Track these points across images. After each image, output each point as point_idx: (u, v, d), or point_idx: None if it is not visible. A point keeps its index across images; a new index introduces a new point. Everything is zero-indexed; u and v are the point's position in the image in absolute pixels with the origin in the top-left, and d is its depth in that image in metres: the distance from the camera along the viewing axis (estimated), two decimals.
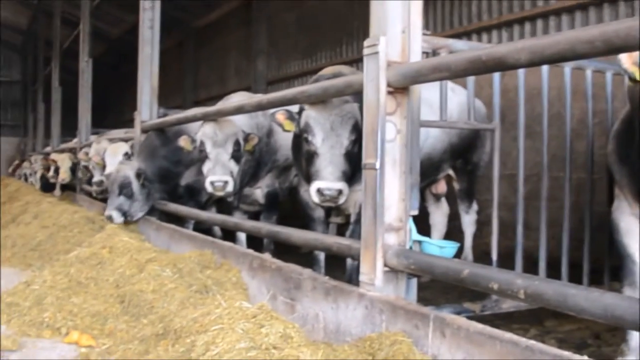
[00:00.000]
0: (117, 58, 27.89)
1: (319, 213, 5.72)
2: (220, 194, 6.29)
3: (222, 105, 6.60)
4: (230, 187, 6.24)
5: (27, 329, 4.45)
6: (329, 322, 3.79)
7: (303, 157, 5.04)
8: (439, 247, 3.70)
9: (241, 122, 6.57)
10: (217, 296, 3.60)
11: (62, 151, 15.76)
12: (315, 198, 4.66)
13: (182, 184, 8.02)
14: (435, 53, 3.94)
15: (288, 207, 8.63)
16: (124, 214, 7.68)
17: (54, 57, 20.53)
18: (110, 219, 7.54)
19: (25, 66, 36.50)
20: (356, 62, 12.30)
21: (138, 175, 7.69)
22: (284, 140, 6.74)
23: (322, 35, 13.98)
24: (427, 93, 4.29)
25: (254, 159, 6.71)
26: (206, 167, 6.36)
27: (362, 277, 3.62)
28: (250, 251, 5.07)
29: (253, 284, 4.82)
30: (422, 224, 6.16)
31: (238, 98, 7.00)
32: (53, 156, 15.84)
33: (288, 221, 6.10)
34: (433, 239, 6.75)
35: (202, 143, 6.38)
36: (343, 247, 4.01)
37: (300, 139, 5.02)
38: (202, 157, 6.41)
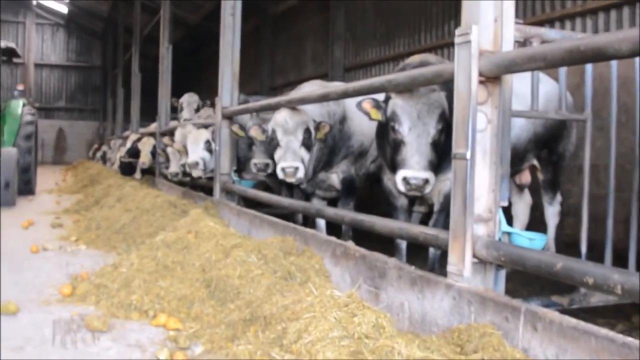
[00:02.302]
0: (195, 44, 28.29)
1: (402, 202, 5.71)
2: (291, 180, 6.36)
3: (303, 93, 6.63)
4: (301, 174, 6.30)
5: (115, 310, 4.59)
6: (415, 312, 3.78)
7: (389, 146, 5.03)
8: (528, 239, 3.64)
9: (313, 110, 6.61)
10: (309, 284, 3.62)
11: (141, 135, 16.02)
12: (401, 187, 4.65)
13: None
14: (526, 42, 3.88)
15: (367, 194, 8.63)
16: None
17: (133, 43, 20.94)
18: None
19: (105, 52, 37.45)
20: (434, 49, 12.19)
21: None
22: (358, 126, 6.76)
23: (400, 21, 13.88)
24: (514, 83, 4.23)
25: (327, 146, 6.73)
26: (277, 154, 6.44)
27: (450, 268, 3.59)
28: (333, 238, 5.08)
29: (336, 272, 4.85)
30: (505, 213, 6.10)
31: (310, 87, 7.03)
32: (133, 140, 16.15)
33: (366, 209, 6.10)
34: (515, 229, 6.71)
35: (273, 131, 6.47)
36: (430, 237, 3.99)
37: (386, 128, 5.01)
38: (274, 145, 6.49)
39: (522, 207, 6.90)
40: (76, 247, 7.46)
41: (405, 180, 4.61)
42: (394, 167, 4.91)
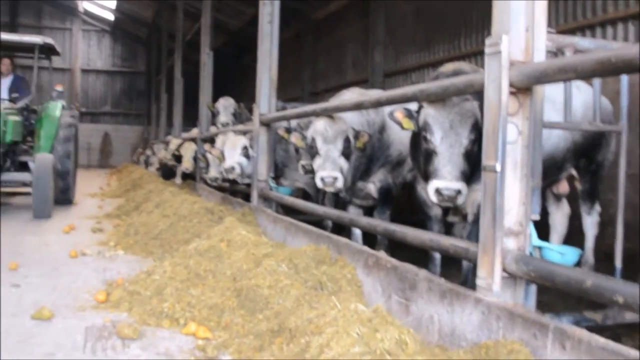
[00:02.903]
0: (237, 49, 28.49)
1: (436, 211, 5.66)
2: (329, 189, 6.34)
3: (338, 101, 6.61)
4: (339, 183, 6.27)
5: (147, 317, 4.61)
6: (444, 325, 3.73)
7: (421, 156, 4.99)
8: (559, 254, 3.56)
9: (352, 119, 6.59)
10: (332, 297, 3.59)
11: (183, 140, 16.14)
12: (433, 197, 4.61)
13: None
14: (559, 51, 3.81)
15: (404, 202, 8.58)
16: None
17: (176, 49, 21.17)
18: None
19: (149, 58, 38.02)
20: (474, 55, 12.09)
21: None
22: (397, 135, 6.72)
23: (440, 27, 13.80)
24: (550, 90, 4.16)
25: (365, 155, 6.71)
26: (316, 163, 6.41)
27: (479, 282, 3.54)
28: (366, 248, 5.04)
29: (368, 282, 4.81)
30: (541, 224, 6.00)
31: (350, 95, 7.02)
32: (175, 144, 16.28)
33: (404, 216, 6.06)
34: (552, 239, 6.60)
35: (312, 139, 6.45)
36: (460, 250, 3.94)
37: (418, 137, 4.97)
38: (313, 153, 6.46)
39: (560, 217, 6.78)
40: (114, 252, 7.53)
41: (438, 191, 4.56)
42: (426, 177, 4.87)
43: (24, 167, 12.08)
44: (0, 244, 7.77)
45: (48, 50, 14.05)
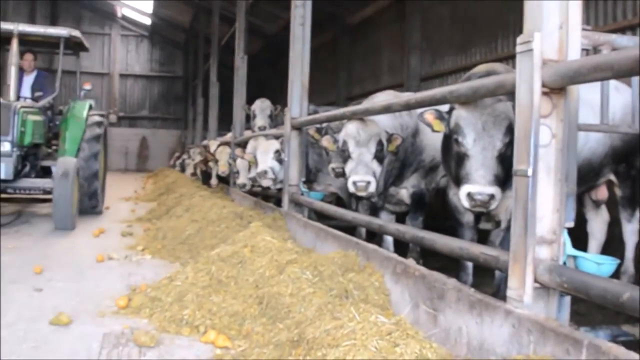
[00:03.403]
0: (273, 54, 28.45)
1: (468, 218, 5.48)
2: (362, 194, 6.13)
3: (368, 104, 6.45)
4: (372, 188, 6.07)
5: (167, 325, 4.52)
6: (473, 338, 3.55)
7: (452, 159, 4.80)
8: (596, 264, 3.34)
9: (385, 122, 6.41)
10: (351, 308, 3.42)
11: (220, 144, 16.10)
12: (465, 203, 4.42)
13: None
14: (596, 50, 3.61)
15: (439, 209, 8.40)
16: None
17: (212, 53, 21.20)
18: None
19: (187, 62, 38.25)
20: (512, 58, 11.79)
21: None
22: (430, 140, 6.52)
23: (476, 30, 13.57)
24: (588, 92, 3.95)
25: (398, 159, 6.53)
26: (348, 167, 6.23)
27: (510, 293, 3.35)
28: (394, 255, 4.88)
29: (396, 290, 4.64)
30: (580, 231, 5.76)
31: (383, 97, 6.84)
32: (211, 148, 16.27)
33: (437, 222, 5.88)
34: (591, 248, 6.34)
35: (344, 142, 6.27)
36: (490, 259, 3.75)
37: (449, 140, 4.79)
38: (345, 156, 6.29)
39: (599, 224, 6.53)
40: (142, 256, 7.47)
41: (470, 195, 4.37)
42: (458, 182, 4.68)
43: (47, 172, 10.87)
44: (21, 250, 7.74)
45: (75, 45, 12.61)
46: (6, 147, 9.81)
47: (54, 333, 4.40)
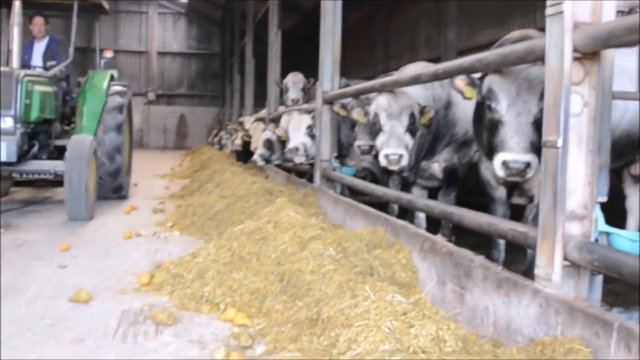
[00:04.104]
0: (310, 30, 28.21)
1: (500, 193, 5.26)
2: (394, 167, 5.93)
3: (398, 75, 6.25)
4: (404, 161, 5.87)
5: (187, 302, 4.43)
6: (499, 318, 3.38)
7: (485, 128, 4.56)
8: (630, 241, 3.12)
9: (417, 94, 6.19)
10: (366, 287, 3.25)
11: (254, 120, 15.99)
12: (500, 171, 4.18)
13: None
14: (632, 12, 3.38)
15: (472, 184, 8.19)
16: None
17: (247, 30, 21.04)
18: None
19: (223, 39, 38.12)
20: None
21: None
22: (463, 112, 6.29)
23: (514, 2, 13.22)
24: (625, 59, 3.71)
25: (430, 132, 6.31)
26: (380, 140, 6.02)
27: (538, 271, 3.17)
28: (422, 231, 4.71)
29: (423, 267, 4.48)
30: (618, 207, 5.53)
31: (413, 67, 6.62)
32: (246, 125, 16.16)
33: (471, 197, 5.68)
34: (629, 225, 6.08)
35: (375, 115, 6.06)
36: (518, 235, 3.56)
37: (482, 107, 4.56)
38: (376, 130, 6.10)
39: (638, 201, 6.26)
40: (170, 233, 7.39)
41: (505, 164, 4.12)
42: (490, 153, 4.45)
43: (61, 153, 8.92)
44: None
45: (93, 8, 10.82)
46: (8, 123, 8.25)
47: (73, 310, 4.34)
